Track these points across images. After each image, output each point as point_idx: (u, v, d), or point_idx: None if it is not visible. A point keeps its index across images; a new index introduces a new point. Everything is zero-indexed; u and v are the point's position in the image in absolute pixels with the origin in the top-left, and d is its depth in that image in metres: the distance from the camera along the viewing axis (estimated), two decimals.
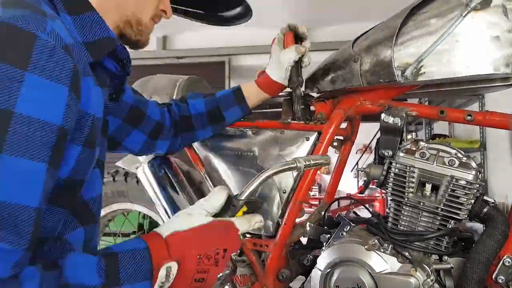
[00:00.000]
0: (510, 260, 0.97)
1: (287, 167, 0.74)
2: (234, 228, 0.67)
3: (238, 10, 0.88)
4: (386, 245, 1.06)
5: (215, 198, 0.70)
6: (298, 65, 1.15)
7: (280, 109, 1.32)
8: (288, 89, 1.31)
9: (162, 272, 0.58)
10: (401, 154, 1.08)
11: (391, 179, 1.08)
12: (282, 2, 3.68)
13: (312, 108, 1.35)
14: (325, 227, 1.32)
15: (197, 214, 0.66)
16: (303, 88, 1.29)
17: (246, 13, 0.93)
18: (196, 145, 1.36)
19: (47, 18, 0.54)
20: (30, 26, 0.50)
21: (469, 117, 1.05)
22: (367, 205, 1.33)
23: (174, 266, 0.60)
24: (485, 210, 1.01)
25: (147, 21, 0.75)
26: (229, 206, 0.70)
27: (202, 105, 1.17)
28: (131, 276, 0.56)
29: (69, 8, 0.63)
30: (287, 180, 1.24)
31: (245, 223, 0.69)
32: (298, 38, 1.16)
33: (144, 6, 0.73)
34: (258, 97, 1.20)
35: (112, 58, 0.72)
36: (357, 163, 6.29)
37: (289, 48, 1.12)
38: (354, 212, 1.51)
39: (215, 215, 0.69)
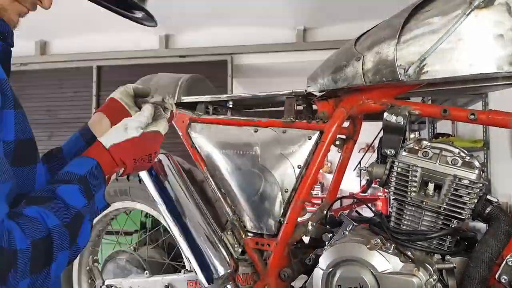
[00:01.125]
0: None
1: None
2: (160, 135, 0.85)
3: (140, 15, 0.88)
4: (388, 244, 1.05)
5: (144, 114, 0.85)
6: None
7: (282, 108, 1.31)
8: (290, 89, 1.31)
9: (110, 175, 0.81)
10: (404, 153, 1.07)
11: (394, 178, 1.08)
12: (283, 2, 3.67)
13: (314, 107, 1.35)
14: (327, 226, 1.32)
15: (133, 128, 0.81)
16: (311, 89, 1.28)
17: (150, 20, 0.92)
18: (198, 144, 1.36)
19: None
20: None
21: (472, 116, 1.04)
22: (369, 204, 1.33)
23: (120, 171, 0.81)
24: (488, 209, 1.00)
25: (3, 3, 0.71)
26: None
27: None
28: (96, 188, 0.73)
29: None
30: (289, 179, 1.24)
31: (164, 127, 0.87)
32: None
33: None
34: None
35: None
36: (359, 162, 6.28)
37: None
38: (357, 211, 1.51)
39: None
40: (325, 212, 1.35)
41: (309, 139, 1.22)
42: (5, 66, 0.72)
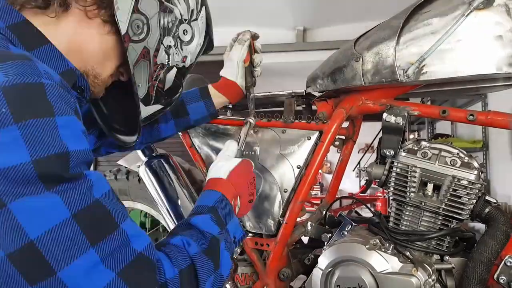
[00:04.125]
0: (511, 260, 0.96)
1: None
2: (250, 162, 0.97)
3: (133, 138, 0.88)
4: (387, 244, 1.06)
5: (233, 146, 0.98)
6: (250, 65, 1.19)
7: (282, 108, 1.32)
8: (290, 89, 1.31)
9: (237, 204, 0.85)
10: (403, 154, 1.07)
11: (393, 179, 1.08)
12: (283, 2, 3.68)
13: (314, 107, 1.35)
14: (327, 227, 1.32)
15: (232, 157, 0.94)
16: (310, 89, 1.29)
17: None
18: (197, 144, 1.37)
19: (31, 60, 0.55)
20: (28, 78, 0.52)
21: (471, 117, 1.05)
22: (368, 205, 1.33)
23: (238, 198, 0.86)
24: (487, 210, 1.01)
25: (105, 77, 0.77)
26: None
27: None
28: (226, 217, 0.76)
29: (26, 44, 0.64)
30: (289, 179, 1.24)
31: (250, 160, 0.98)
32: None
33: (105, 65, 0.75)
34: (216, 99, 1.19)
35: (74, 89, 0.74)
36: (359, 163, 6.28)
37: (235, 46, 1.19)
38: (356, 212, 1.51)
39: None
40: (324, 212, 1.35)
41: (309, 140, 1.22)
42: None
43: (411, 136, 4.64)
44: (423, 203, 1.04)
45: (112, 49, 0.74)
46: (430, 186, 1.03)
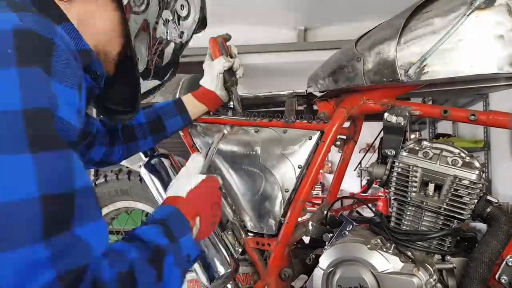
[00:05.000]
0: None
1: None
2: (216, 179, 0.89)
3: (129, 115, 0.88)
4: (388, 244, 1.06)
5: (198, 161, 0.91)
6: (229, 69, 1.24)
7: (283, 108, 1.32)
8: (291, 89, 1.31)
9: (196, 225, 0.77)
10: (404, 154, 1.07)
11: (394, 179, 1.08)
12: (284, 2, 3.68)
13: (315, 107, 1.35)
14: (328, 226, 1.32)
15: (195, 173, 0.86)
16: (311, 89, 1.29)
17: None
18: (199, 144, 1.37)
19: (53, 23, 0.56)
20: (44, 31, 0.52)
21: (472, 117, 1.04)
22: (370, 205, 1.33)
23: (198, 222, 0.78)
24: (488, 210, 1.00)
25: (115, 55, 0.78)
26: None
27: (141, 116, 1.18)
28: (179, 232, 0.70)
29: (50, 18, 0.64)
30: (290, 179, 1.24)
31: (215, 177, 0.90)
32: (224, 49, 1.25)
33: (114, 42, 0.76)
34: (195, 108, 1.24)
35: (88, 73, 0.73)
36: (360, 163, 6.26)
37: (218, 58, 1.23)
38: (357, 212, 1.51)
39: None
40: (325, 212, 1.35)
41: (310, 139, 1.22)
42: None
43: (412, 136, 4.64)
44: (424, 203, 1.04)
45: (119, 25, 0.75)
46: (431, 186, 1.03)
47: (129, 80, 0.81)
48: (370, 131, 1.69)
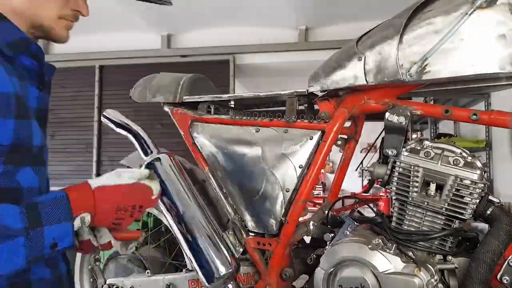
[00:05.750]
0: None
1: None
2: (150, 190, 0.83)
3: None
4: (390, 244, 1.05)
5: (142, 171, 0.85)
6: None
7: (284, 108, 1.31)
8: (292, 89, 1.31)
9: (76, 221, 0.72)
10: (406, 153, 1.07)
11: (396, 178, 1.08)
12: (285, 2, 3.67)
13: (316, 106, 1.35)
14: (329, 226, 1.32)
15: (126, 177, 0.81)
16: (312, 88, 1.28)
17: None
18: (199, 143, 1.37)
19: None
20: None
21: (474, 116, 1.04)
22: (371, 205, 1.33)
23: (87, 216, 0.73)
24: (490, 210, 1.00)
25: (50, 23, 0.84)
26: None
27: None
28: (50, 218, 0.68)
29: None
30: (291, 179, 1.24)
31: (157, 187, 0.85)
32: None
33: (42, 12, 0.82)
34: None
35: (28, 56, 0.82)
36: (361, 162, 6.26)
37: None
38: (358, 211, 1.51)
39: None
40: (326, 212, 1.35)
41: (311, 139, 1.22)
42: (42, 87, 0.85)
43: (414, 136, 4.63)
44: (425, 203, 1.04)
45: None
46: (433, 186, 1.03)
47: None
48: (371, 131, 1.69)
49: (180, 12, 3.71)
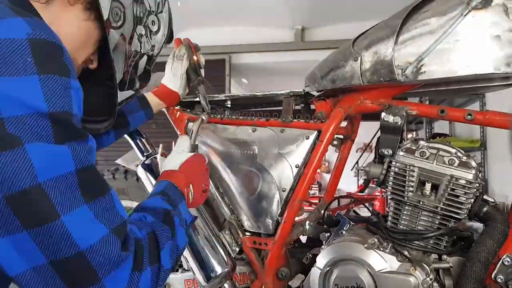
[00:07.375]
0: (509, 260, 0.97)
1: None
2: (202, 156, 1.04)
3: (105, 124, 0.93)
4: (385, 244, 1.06)
5: (185, 141, 1.06)
6: (195, 66, 1.29)
7: (280, 108, 1.31)
8: (288, 89, 1.31)
9: (190, 192, 0.90)
10: (401, 153, 1.08)
11: (391, 178, 1.08)
12: (281, 1, 3.68)
13: (312, 106, 1.35)
14: (325, 226, 1.32)
15: (184, 152, 1.00)
16: (309, 88, 1.29)
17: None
18: (197, 142, 1.36)
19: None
20: (51, 37, 0.57)
21: (469, 117, 1.05)
22: (367, 204, 1.33)
23: (191, 186, 0.91)
24: (484, 209, 1.01)
25: (79, 64, 0.82)
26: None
27: None
28: (177, 200, 0.81)
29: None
30: (287, 178, 1.24)
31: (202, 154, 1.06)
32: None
33: (80, 51, 0.80)
34: (156, 106, 1.30)
35: None
36: (357, 162, 6.27)
37: (178, 62, 1.29)
38: (354, 211, 1.51)
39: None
40: (322, 211, 1.35)
41: (307, 139, 1.23)
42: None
43: (409, 136, 4.64)
44: (421, 203, 1.04)
45: (89, 35, 0.78)
46: (428, 186, 1.04)
47: (94, 92, 0.86)
48: (367, 131, 1.69)
49: (176, 12, 3.70)
